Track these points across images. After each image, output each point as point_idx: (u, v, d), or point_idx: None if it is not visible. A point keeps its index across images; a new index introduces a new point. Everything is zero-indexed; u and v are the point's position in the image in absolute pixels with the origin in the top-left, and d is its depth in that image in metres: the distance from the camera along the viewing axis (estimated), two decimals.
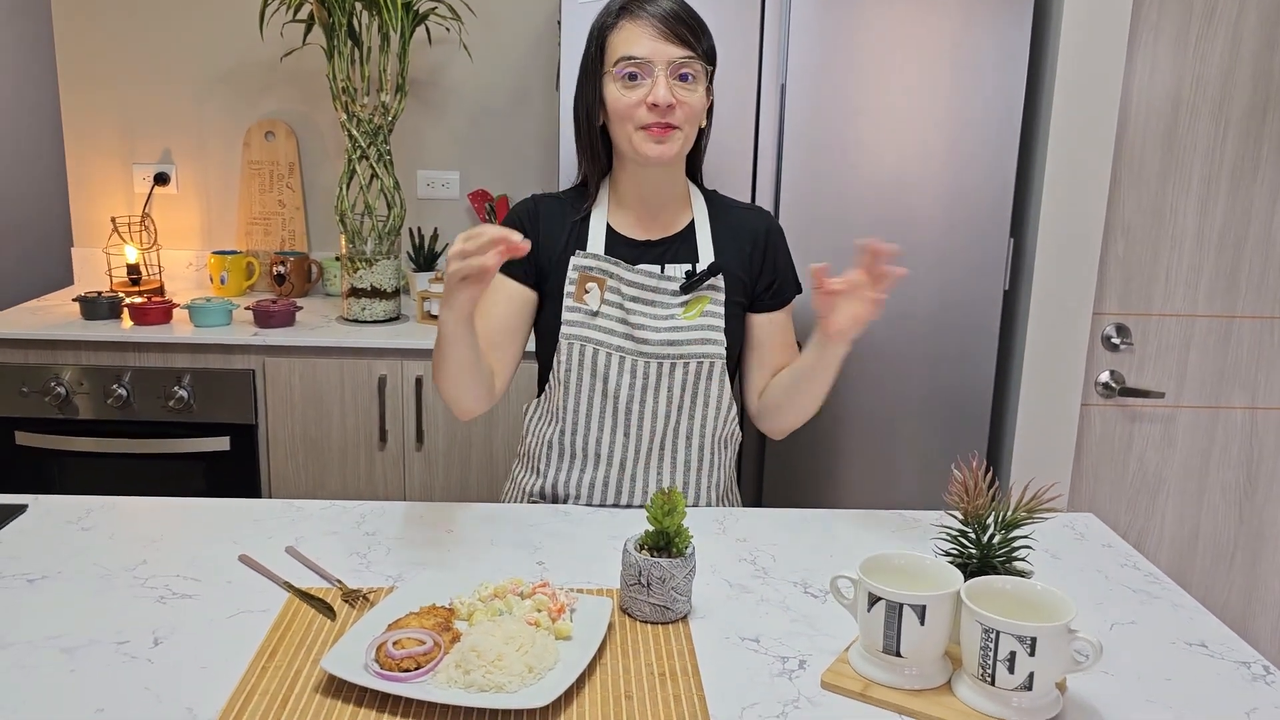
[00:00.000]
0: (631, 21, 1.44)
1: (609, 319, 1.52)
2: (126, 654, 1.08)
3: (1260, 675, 1.11)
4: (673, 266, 1.55)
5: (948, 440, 2.26)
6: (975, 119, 2.14)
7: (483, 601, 1.15)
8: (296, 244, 2.95)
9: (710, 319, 1.53)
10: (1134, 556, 1.41)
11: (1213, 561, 2.43)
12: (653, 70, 1.43)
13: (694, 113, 1.47)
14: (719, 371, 1.54)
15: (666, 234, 1.56)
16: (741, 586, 1.28)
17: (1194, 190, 2.26)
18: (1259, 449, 2.38)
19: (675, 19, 1.44)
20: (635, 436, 1.55)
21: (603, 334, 1.52)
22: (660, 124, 1.44)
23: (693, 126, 1.48)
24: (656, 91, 1.42)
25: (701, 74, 1.47)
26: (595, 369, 1.52)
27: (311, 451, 2.43)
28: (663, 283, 1.52)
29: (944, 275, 2.20)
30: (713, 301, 1.54)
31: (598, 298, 1.52)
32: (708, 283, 1.53)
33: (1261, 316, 2.32)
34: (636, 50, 1.43)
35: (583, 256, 1.53)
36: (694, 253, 1.56)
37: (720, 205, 1.61)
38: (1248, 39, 2.20)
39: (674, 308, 1.53)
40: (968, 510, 1.13)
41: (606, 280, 1.52)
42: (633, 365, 1.52)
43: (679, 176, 1.57)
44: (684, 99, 1.44)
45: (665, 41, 1.43)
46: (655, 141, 1.45)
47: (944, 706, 1.01)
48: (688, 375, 1.52)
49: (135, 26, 2.86)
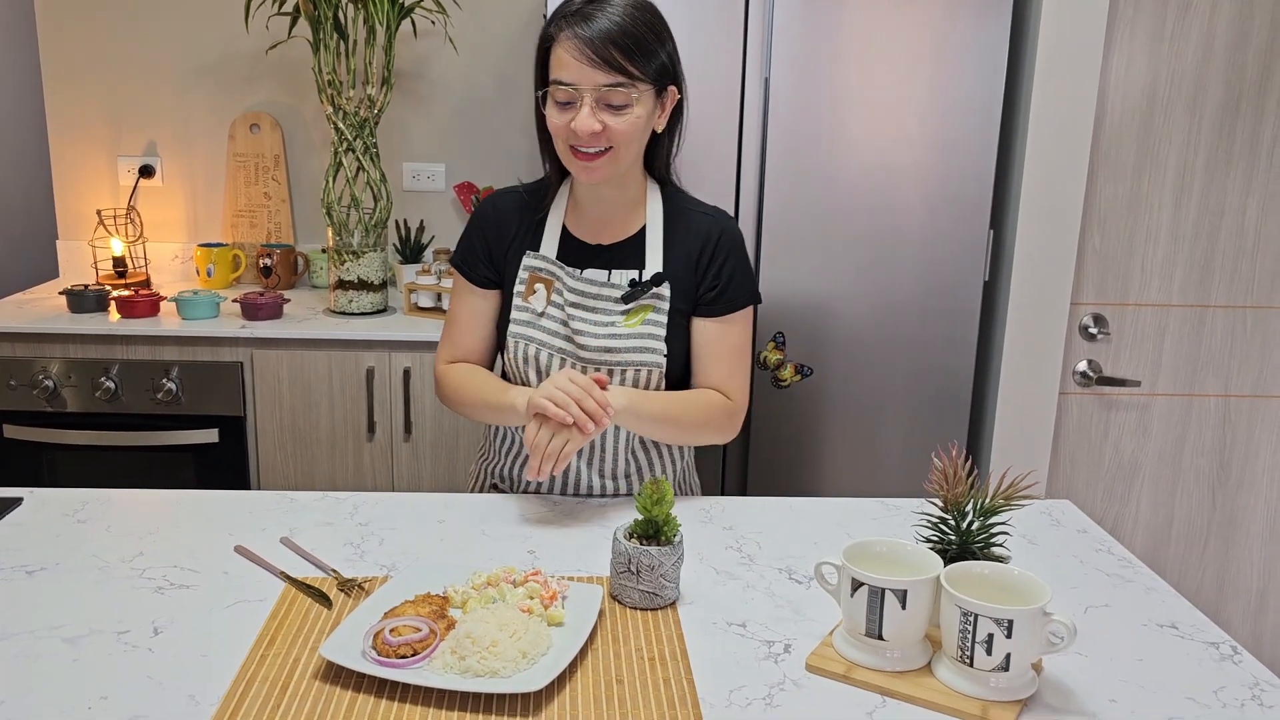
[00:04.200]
0: (565, 42, 1.40)
1: (553, 320, 1.54)
2: (127, 643, 1.10)
3: (1228, 655, 1.15)
4: (620, 273, 1.54)
5: (928, 428, 2.30)
6: (956, 112, 2.17)
7: (476, 590, 1.17)
8: (282, 236, 2.96)
9: (651, 328, 1.51)
10: (1108, 542, 1.45)
11: (1187, 547, 2.48)
12: (580, 97, 1.40)
13: (624, 136, 1.42)
14: (657, 380, 1.52)
15: (619, 239, 1.56)
16: (728, 573, 1.31)
17: (1169, 183, 2.31)
18: (1231, 436, 2.43)
19: (607, 41, 1.38)
20: None
21: (546, 335, 1.54)
22: (586, 149, 1.43)
23: (627, 147, 1.44)
24: (579, 120, 1.40)
25: (639, 97, 1.41)
26: (538, 367, 1.54)
27: (300, 443, 2.45)
28: (606, 289, 1.52)
29: (925, 266, 2.23)
30: (656, 310, 1.52)
31: (544, 299, 1.54)
32: (652, 291, 1.52)
33: (1234, 306, 2.37)
34: (564, 75, 1.40)
35: (533, 257, 1.55)
36: (642, 259, 1.54)
37: (677, 208, 1.57)
38: (1221, 35, 2.24)
39: (616, 315, 1.52)
40: (947, 498, 1.16)
41: (554, 282, 1.54)
42: (572, 367, 1.53)
43: (630, 184, 1.54)
44: (612, 125, 1.41)
45: (594, 68, 1.38)
46: (582, 166, 1.45)
47: (924, 687, 1.05)
48: (625, 382, 1.52)
49: (119, 18, 2.85)
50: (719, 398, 1.55)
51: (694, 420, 1.52)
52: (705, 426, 1.54)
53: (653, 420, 1.49)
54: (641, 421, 1.48)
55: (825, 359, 2.27)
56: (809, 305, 2.24)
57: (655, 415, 1.48)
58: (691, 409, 1.52)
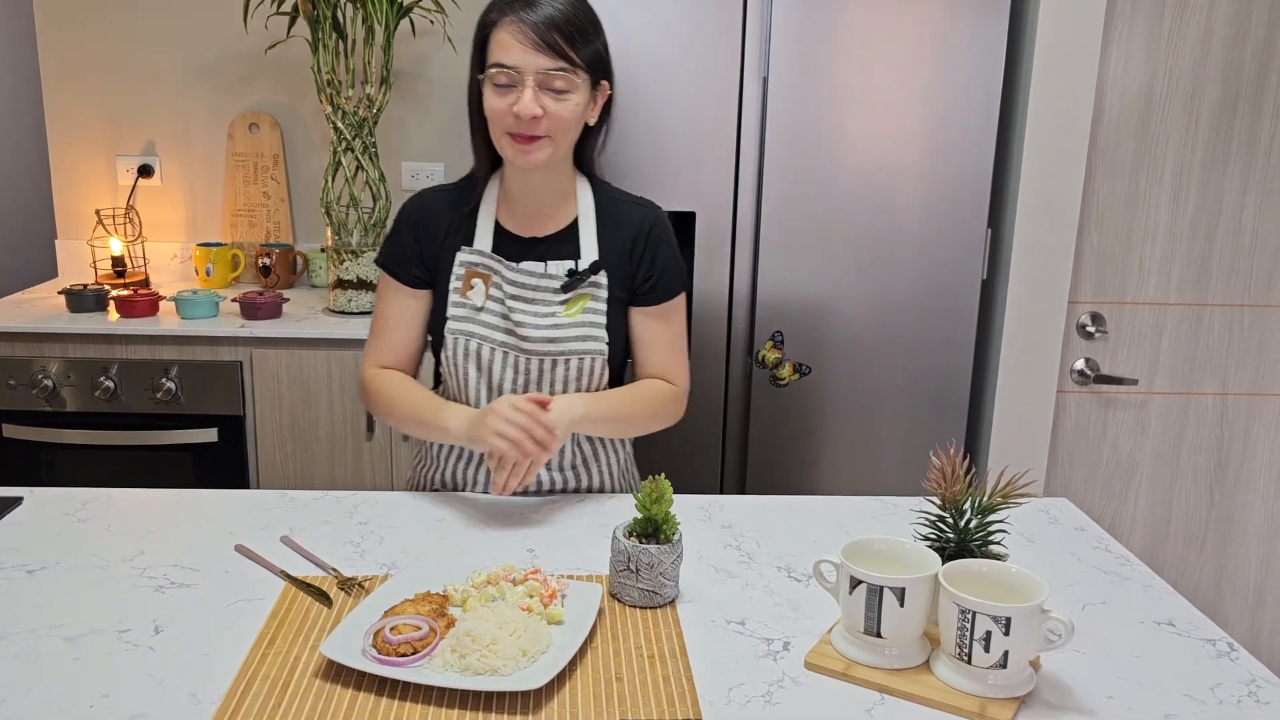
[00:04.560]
0: (507, 27, 1.42)
1: (492, 314, 1.54)
2: (128, 642, 1.11)
3: (1225, 652, 1.15)
4: (556, 264, 1.55)
5: (927, 427, 2.31)
6: (954, 111, 2.17)
7: (476, 588, 1.17)
8: (281, 236, 2.96)
9: (591, 316, 1.54)
10: (1106, 540, 1.46)
11: (1184, 545, 2.49)
12: (522, 79, 1.41)
13: (564, 123, 1.45)
14: (600, 367, 1.55)
15: (552, 230, 1.57)
16: (727, 571, 1.32)
17: (1166, 181, 2.31)
18: (1229, 434, 2.44)
19: (550, 27, 1.41)
20: None
21: (486, 329, 1.54)
22: (525, 134, 1.44)
23: (565, 134, 1.47)
24: (521, 103, 1.41)
25: (579, 84, 1.45)
26: (480, 363, 1.54)
27: (299, 442, 2.45)
28: (544, 281, 1.53)
29: (923, 265, 2.24)
30: (594, 299, 1.54)
31: (482, 293, 1.54)
32: (590, 280, 1.54)
33: (1231, 305, 2.38)
34: (506, 58, 1.41)
35: (468, 252, 1.54)
36: (577, 249, 1.56)
37: (607, 199, 1.60)
38: (1218, 34, 2.24)
39: (555, 305, 1.53)
40: (945, 496, 1.17)
41: (491, 276, 1.54)
42: (515, 361, 1.53)
43: (562, 174, 1.56)
44: (553, 110, 1.43)
45: (536, 52, 1.40)
46: (520, 151, 1.45)
47: (923, 685, 1.05)
48: (569, 371, 1.54)
49: (118, 18, 2.85)
50: (664, 387, 1.60)
51: (644, 413, 1.58)
52: (655, 416, 1.59)
53: (606, 421, 1.54)
54: (596, 425, 1.52)
55: (824, 358, 2.27)
56: (807, 304, 2.24)
57: (608, 416, 1.53)
58: (641, 403, 1.57)
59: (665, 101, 2.16)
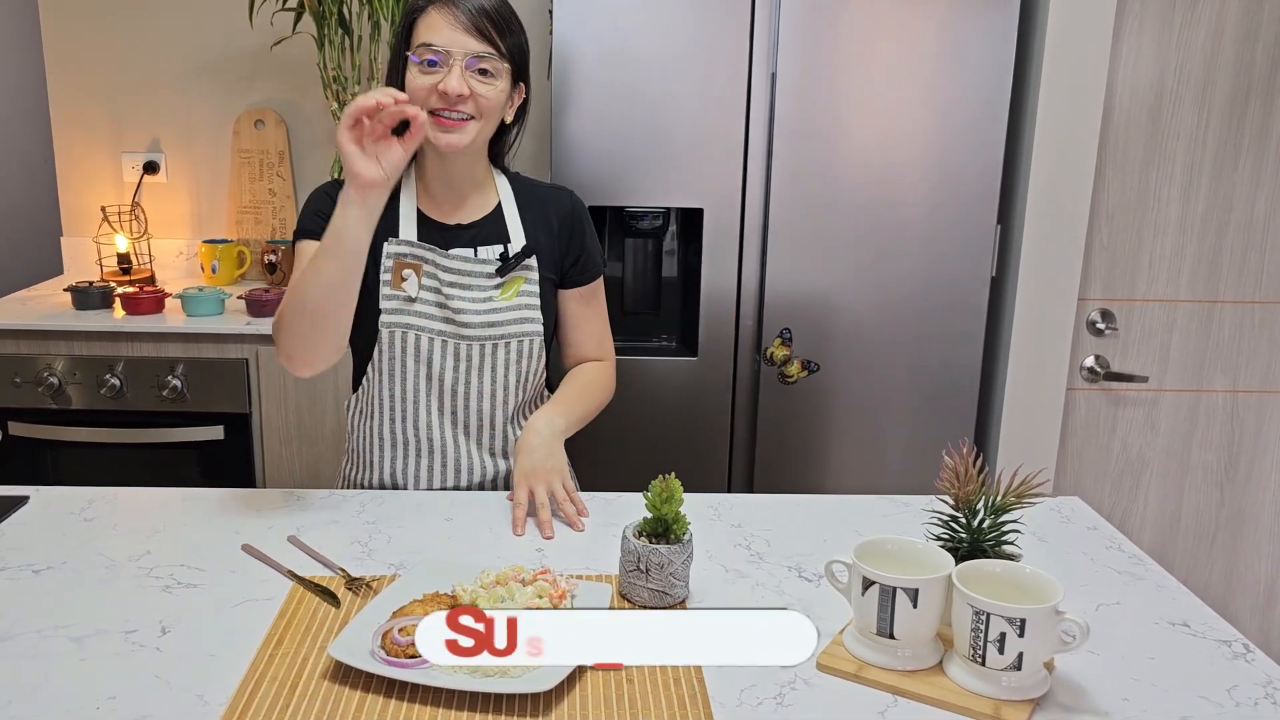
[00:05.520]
0: (439, 9, 1.44)
1: (427, 304, 1.53)
2: (135, 643, 1.10)
3: (1241, 654, 1.14)
4: (485, 249, 1.57)
5: (935, 424, 2.29)
6: (963, 107, 2.16)
7: (485, 589, 1.16)
8: (287, 233, 2.95)
9: (526, 298, 1.56)
10: (1119, 539, 1.44)
11: (1194, 542, 2.48)
12: (450, 60, 1.43)
13: (489, 106, 1.47)
14: (538, 349, 1.58)
15: (476, 217, 1.58)
16: (737, 571, 1.31)
17: (1177, 177, 2.30)
18: (1239, 431, 2.42)
19: (481, 13, 1.44)
20: (464, 419, 1.57)
21: (422, 319, 1.53)
22: (450, 112, 1.44)
23: (488, 119, 1.48)
24: (449, 81, 1.42)
25: (502, 71, 1.47)
26: (419, 354, 1.54)
27: (305, 440, 2.44)
28: (477, 266, 1.54)
29: (932, 262, 2.22)
30: (527, 281, 1.57)
31: (415, 284, 1.53)
32: (522, 264, 1.56)
33: (1242, 301, 2.36)
34: (436, 39, 1.43)
35: (396, 244, 1.53)
36: (504, 234, 1.58)
37: (524, 185, 1.64)
38: (1230, 29, 2.23)
39: (490, 290, 1.55)
40: (958, 495, 1.16)
41: (423, 266, 1.53)
42: (455, 348, 1.54)
43: (479, 164, 1.58)
44: (479, 92, 1.45)
45: (466, 34, 1.43)
46: (444, 131, 1.45)
47: (936, 686, 1.04)
48: (509, 355, 1.56)
49: (124, 14, 2.85)
50: (601, 369, 1.68)
51: (598, 402, 1.66)
52: (603, 400, 1.68)
53: (580, 422, 1.61)
54: (573, 428, 1.59)
55: (832, 355, 2.26)
56: (816, 301, 2.23)
57: (581, 416, 1.61)
58: (595, 393, 1.65)
59: (673, 98, 2.15)
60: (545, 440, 1.51)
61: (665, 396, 2.27)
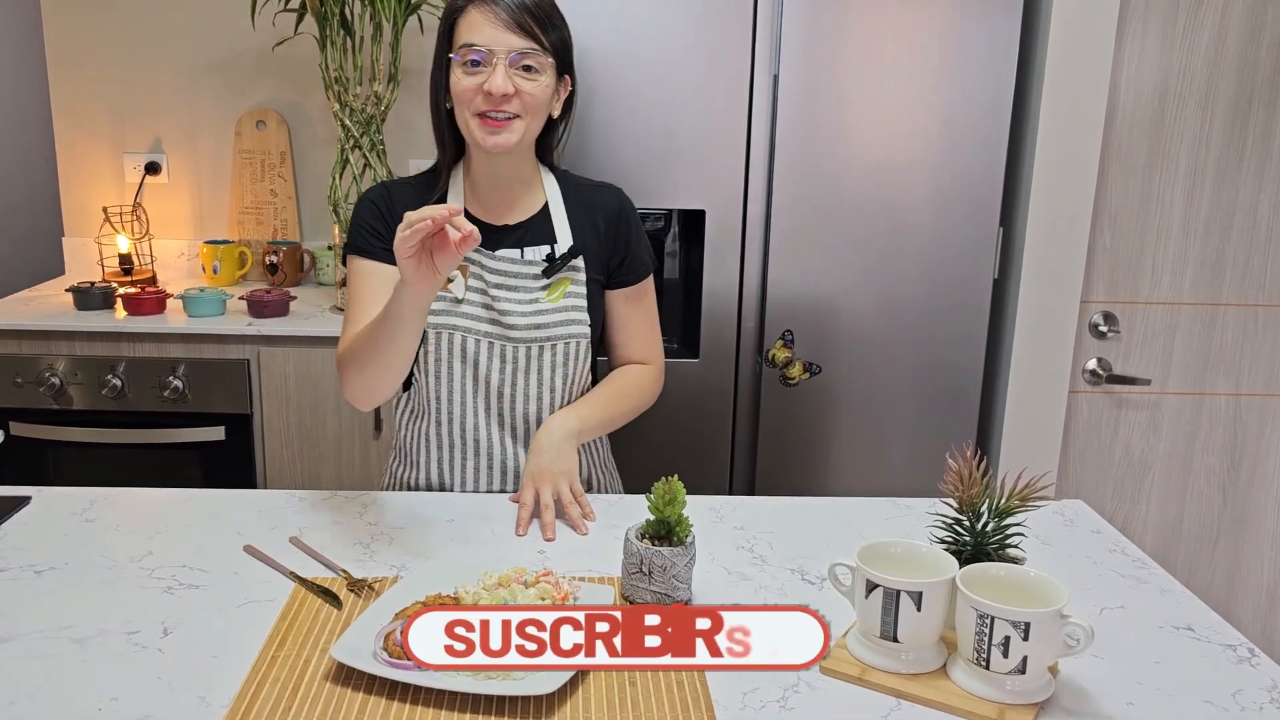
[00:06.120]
0: (479, 8, 1.43)
1: (473, 305, 1.52)
2: (137, 644, 1.10)
3: (1245, 658, 1.14)
4: (532, 250, 1.55)
5: (937, 427, 2.29)
6: (966, 109, 2.16)
7: (487, 590, 1.16)
8: (289, 233, 2.95)
9: (573, 299, 1.55)
10: (1122, 542, 1.44)
11: (1197, 546, 2.47)
12: (493, 59, 1.41)
13: (535, 102, 1.45)
14: (584, 351, 1.56)
15: (523, 217, 1.56)
16: (740, 574, 1.31)
17: (1180, 180, 2.29)
18: (1242, 434, 2.42)
19: (521, 8, 1.43)
20: (510, 421, 1.57)
21: (469, 321, 1.52)
22: (496, 112, 1.43)
23: (535, 116, 1.47)
24: (493, 80, 1.41)
25: (546, 66, 1.45)
26: (465, 356, 1.53)
27: (306, 441, 2.44)
28: (524, 267, 1.53)
29: (934, 264, 2.22)
30: (574, 283, 1.55)
31: (462, 285, 1.52)
32: (569, 264, 1.54)
33: (1245, 304, 2.36)
34: (478, 38, 1.42)
35: None
36: (551, 234, 1.56)
37: (572, 184, 1.61)
38: (1233, 31, 2.22)
39: (537, 291, 1.53)
40: (962, 499, 1.15)
41: (470, 267, 1.52)
42: (501, 350, 1.52)
43: (527, 163, 1.56)
44: (524, 88, 1.43)
45: (508, 31, 1.42)
46: (490, 132, 1.44)
47: (940, 690, 1.04)
48: (555, 357, 1.54)
49: (126, 14, 2.85)
50: (642, 371, 1.66)
51: (630, 406, 1.63)
52: (639, 404, 1.65)
53: (601, 426, 1.59)
54: (593, 431, 1.58)
55: (834, 357, 2.26)
56: (818, 303, 2.23)
57: (602, 421, 1.59)
58: (628, 396, 1.63)
59: (675, 99, 2.14)
60: (555, 442, 1.50)
61: (667, 398, 2.25)
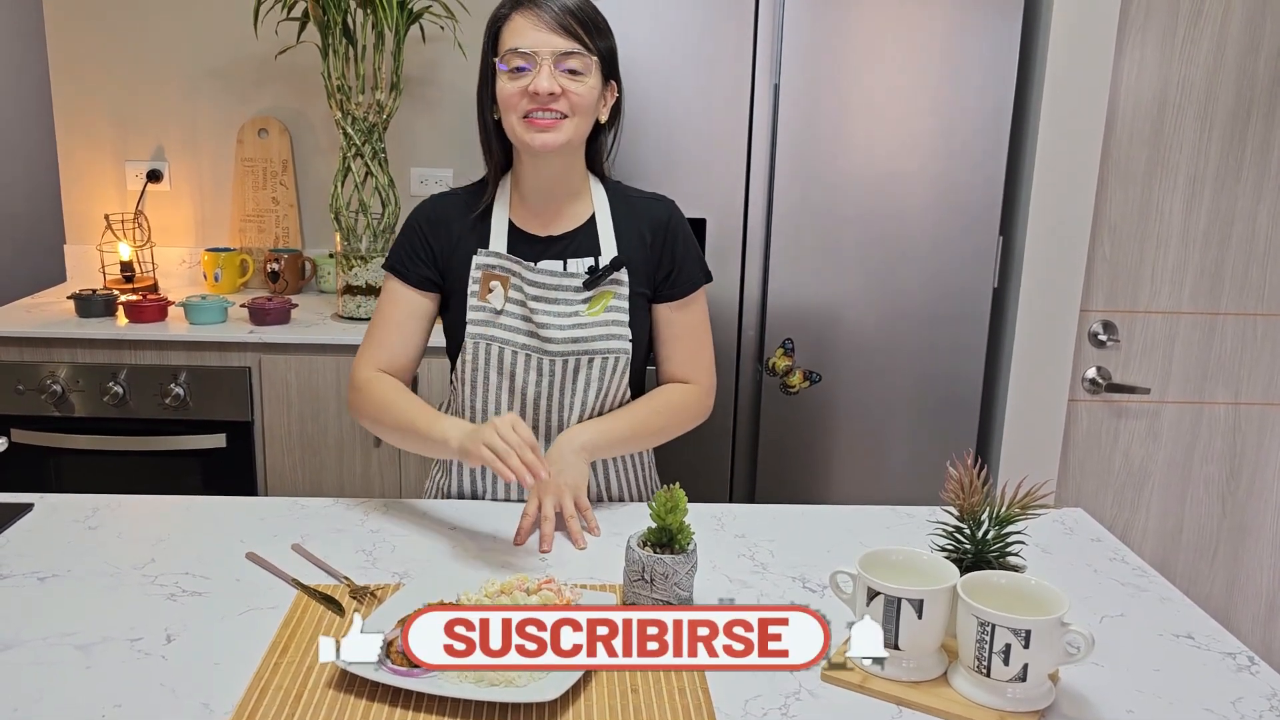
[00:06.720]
0: (522, 14, 1.43)
1: (512, 317, 1.51)
2: (140, 651, 1.10)
3: (1245, 666, 1.14)
4: (575, 262, 1.53)
5: (937, 435, 2.30)
6: (966, 118, 2.17)
7: (489, 597, 1.17)
8: (290, 241, 2.96)
9: (615, 314, 1.52)
10: (1122, 551, 1.45)
11: (1196, 554, 2.48)
12: (538, 61, 1.42)
13: (582, 103, 1.44)
14: (623, 365, 1.53)
15: (568, 228, 1.55)
16: (741, 581, 1.31)
17: (1179, 190, 2.30)
18: (1241, 443, 2.42)
19: (566, 12, 1.43)
20: (545, 433, 1.55)
21: (508, 333, 1.51)
22: (543, 111, 1.43)
23: (583, 117, 1.46)
24: (538, 80, 1.41)
25: (592, 68, 1.44)
26: (502, 367, 1.52)
27: (308, 448, 2.44)
28: (565, 280, 1.51)
29: (934, 273, 2.23)
30: (617, 296, 1.52)
31: (501, 296, 1.51)
32: (611, 277, 1.52)
33: (1244, 313, 2.36)
34: (523, 42, 1.42)
35: (485, 255, 1.52)
36: (596, 246, 1.54)
37: (621, 195, 1.59)
38: (1232, 42, 2.23)
39: (578, 304, 1.51)
40: (963, 507, 1.16)
41: (510, 279, 1.52)
42: (539, 363, 1.51)
43: (577, 168, 1.55)
44: (570, 89, 1.43)
45: (551, 33, 1.42)
46: (538, 130, 1.43)
47: (941, 697, 1.04)
48: (593, 372, 1.52)
49: (128, 22, 2.86)
50: (683, 390, 1.60)
51: (662, 424, 1.57)
52: (675, 424, 1.60)
53: (623, 443, 1.55)
54: (612, 448, 1.54)
55: (834, 365, 2.26)
56: (818, 311, 2.24)
57: (625, 436, 1.54)
58: (660, 414, 1.57)
59: (677, 107, 2.15)
60: (565, 454, 1.48)
61: None
